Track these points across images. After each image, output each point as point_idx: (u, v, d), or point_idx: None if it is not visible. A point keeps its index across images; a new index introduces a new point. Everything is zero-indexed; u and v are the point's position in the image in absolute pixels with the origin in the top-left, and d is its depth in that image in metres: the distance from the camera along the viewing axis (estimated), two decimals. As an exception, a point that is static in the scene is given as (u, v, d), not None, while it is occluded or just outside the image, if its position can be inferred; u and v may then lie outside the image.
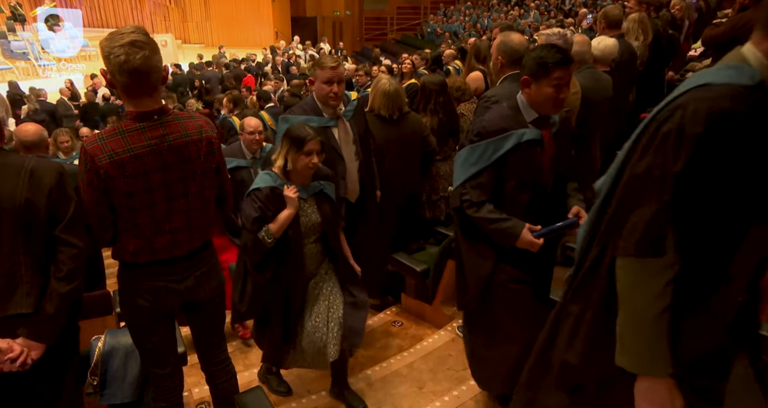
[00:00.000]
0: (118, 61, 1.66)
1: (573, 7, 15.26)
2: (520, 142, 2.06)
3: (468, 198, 2.11)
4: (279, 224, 2.33)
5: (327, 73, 2.77)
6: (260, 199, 2.33)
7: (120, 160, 1.73)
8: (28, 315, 1.72)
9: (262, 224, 2.32)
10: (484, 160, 2.08)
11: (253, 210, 2.32)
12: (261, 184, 2.36)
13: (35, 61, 14.96)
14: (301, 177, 2.41)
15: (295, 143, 2.32)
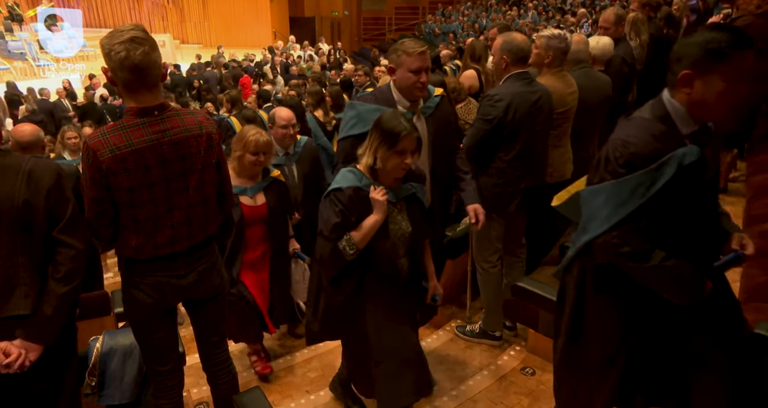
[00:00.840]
0: (119, 58, 1.69)
1: (572, 7, 15.29)
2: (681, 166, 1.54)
3: (628, 249, 1.57)
4: (364, 232, 1.99)
5: (415, 61, 2.33)
6: (342, 202, 1.99)
7: (121, 154, 1.74)
8: (26, 316, 1.72)
9: (343, 232, 1.99)
10: (639, 196, 1.55)
11: (334, 214, 1.99)
12: (343, 184, 2.02)
13: (33, 62, 14.93)
14: (391, 178, 2.06)
15: (387, 139, 1.96)
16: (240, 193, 2.75)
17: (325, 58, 15.71)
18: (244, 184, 2.79)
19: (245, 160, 2.72)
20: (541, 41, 2.98)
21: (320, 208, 2.07)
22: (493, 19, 16.40)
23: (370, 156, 2.02)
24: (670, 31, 5.47)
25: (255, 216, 2.81)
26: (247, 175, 2.81)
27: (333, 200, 2.01)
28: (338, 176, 2.07)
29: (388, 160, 1.99)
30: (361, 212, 2.01)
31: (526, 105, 2.69)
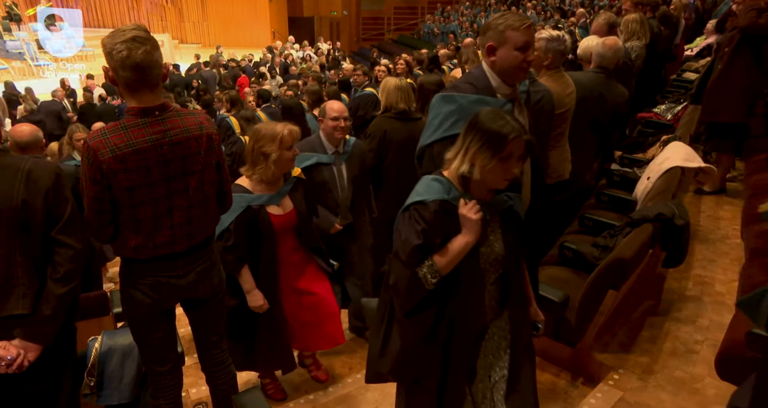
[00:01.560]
0: (120, 57, 1.68)
1: (570, 7, 15.29)
2: None
3: None
4: (450, 257, 1.62)
5: (522, 36, 1.94)
6: (425, 219, 1.62)
7: (122, 154, 1.74)
8: (25, 316, 1.72)
9: (424, 256, 1.63)
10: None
11: (414, 234, 1.62)
12: (427, 196, 1.65)
13: (31, 62, 14.91)
14: (486, 188, 1.69)
15: (490, 143, 1.58)
16: (267, 203, 2.44)
17: (324, 57, 15.71)
18: (267, 191, 2.45)
19: (284, 159, 2.38)
20: (540, 43, 2.98)
21: (397, 225, 1.71)
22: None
23: (465, 163, 1.63)
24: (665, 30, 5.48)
25: (286, 225, 2.50)
26: (272, 180, 2.45)
27: (414, 216, 1.64)
28: (420, 186, 1.71)
29: (490, 169, 1.60)
30: (448, 231, 1.64)
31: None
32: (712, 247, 3.70)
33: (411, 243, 1.62)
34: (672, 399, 2.43)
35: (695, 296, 3.18)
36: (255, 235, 2.43)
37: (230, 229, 2.36)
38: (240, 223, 2.37)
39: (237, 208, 2.33)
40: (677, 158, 3.33)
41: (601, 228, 3.19)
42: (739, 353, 2.01)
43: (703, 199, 4.44)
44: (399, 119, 3.44)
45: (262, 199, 2.43)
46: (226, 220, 2.33)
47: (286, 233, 2.52)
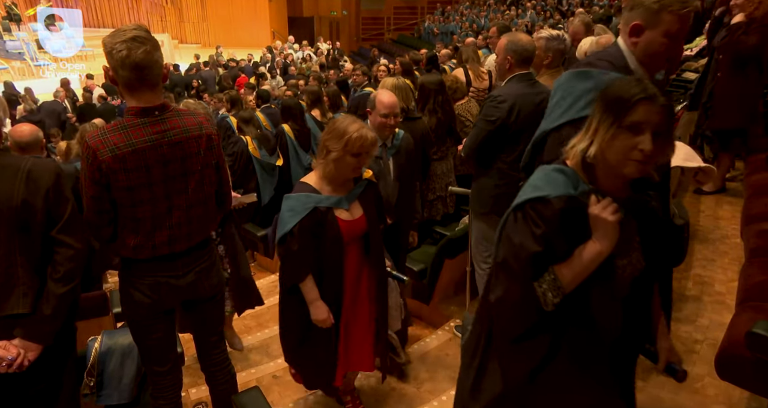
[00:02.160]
0: (120, 56, 1.69)
1: (570, 7, 15.29)
2: None
3: None
4: (578, 270, 1.29)
5: (678, 22, 1.67)
6: (546, 220, 1.29)
7: (122, 154, 1.74)
8: (25, 316, 1.72)
9: (544, 267, 1.31)
10: None
11: (532, 239, 1.30)
12: (549, 191, 1.31)
13: (31, 62, 14.90)
14: (618, 178, 1.33)
15: (613, 106, 1.26)
16: (335, 206, 2.18)
17: (324, 57, 15.71)
18: (336, 192, 2.20)
19: (344, 163, 2.11)
20: (540, 42, 2.98)
21: (507, 227, 1.37)
22: (491, 19, 16.40)
23: (585, 140, 1.32)
24: None
25: (354, 232, 2.25)
26: (341, 182, 2.21)
27: (532, 217, 1.30)
28: (538, 178, 1.36)
29: (609, 142, 1.25)
30: (574, 236, 1.29)
31: (530, 106, 2.68)
32: (712, 247, 3.70)
33: (527, 250, 1.29)
34: (672, 398, 2.43)
35: (695, 296, 3.18)
36: (320, 241, 2.17)
37: (294, 232, 2.10)
38: (305, 227, 2.11)
39: (302, 209, 2.10)
40: (677, 158, 3.31)
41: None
42: (739, 353, 2.01)
43: (703, 198, 4.44)
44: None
45: (331, 200, 2.17)
46: (290, 222, 2.10)
47: (353, 241, 2.27)
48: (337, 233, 2.17)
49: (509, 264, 1.35)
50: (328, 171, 2.14)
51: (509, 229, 1.37)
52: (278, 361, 3.23)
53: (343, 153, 2.09)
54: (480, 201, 2.85)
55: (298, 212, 2.10)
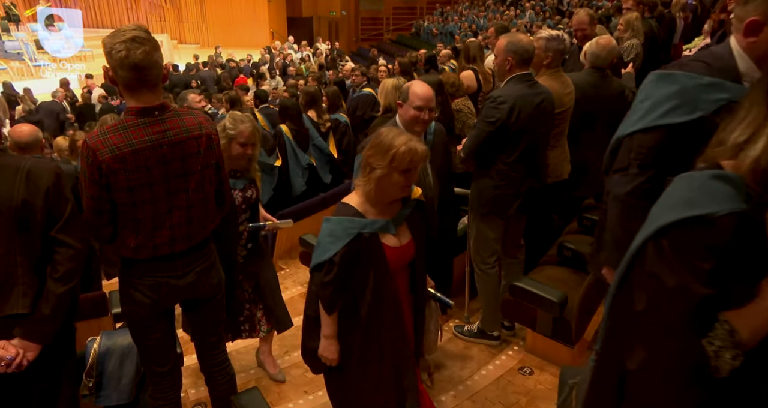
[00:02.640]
0: (119, 56, 1.69)
1: (569, 7, 15.31)
2: None
3: None
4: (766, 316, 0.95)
5: None
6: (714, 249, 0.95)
7: (122, 154, 1.74)
8: (24, 316, 1.72)
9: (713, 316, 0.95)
10: None
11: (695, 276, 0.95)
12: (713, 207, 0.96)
13: (30, 62, 14.89)
14: None
15: None
16: (381, 231, 1.91)
17: (323, 58, 15.73)
18: (382, 215, 1.93)
19: (391, 181, 1.84)
20: (540, 42, 2.98)
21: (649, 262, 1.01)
22: (490, 20, 16.42)
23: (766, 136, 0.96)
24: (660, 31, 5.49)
25: (402, 260, 2.00)
26: (387, 202, 1.93)
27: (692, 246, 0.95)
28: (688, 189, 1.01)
29: None
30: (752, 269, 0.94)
31: (530, 107, 2.68)
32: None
33: (693, 293, 0.92)
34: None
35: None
36: (362, 270, 1.90)
37: (334, 261, 1.85)
38: (347, 255, 1.86)
39: (344, 235, 1.85)
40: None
41: (600, 228, 3.19)
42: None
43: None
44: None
45: (377, 225, 1.90)
46: (330, 249, 1.86)
47: (400, 270, 2.02)
48: (382, 262, 1.91)
49: (662, 315, 0.97)
50: (373, 191, 1.87)
51: (653, 265, 0.98)
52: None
53: (389, 170, 1.82)
54: (480, 201, 2.86)
55: (339, 238, 1.85)
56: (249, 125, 2.50)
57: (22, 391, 1.80)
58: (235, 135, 2.48)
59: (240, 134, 2.48)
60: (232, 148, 2.49)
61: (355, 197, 1.93)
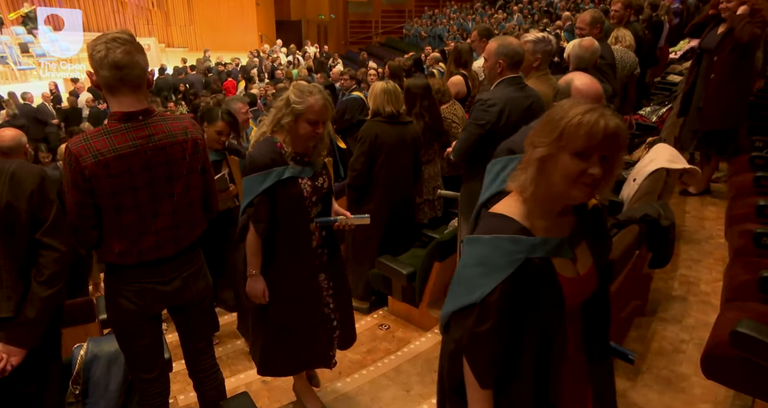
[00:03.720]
0: (99, 56, 1.69)
1: (557, 10, 15.44)
2: None
3: None
4: None
5: None
6: None
7: (105, 160, 1.73)
8: (8, 319, 1.69)
9: None
10: None
11: None
12: None
13: (14, 65, 14.72)
14: None
15: None
16: (555, 255, 1.25)
17: (311, 61, 15.72)
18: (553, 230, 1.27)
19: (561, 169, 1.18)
20: (528, 46, 3.00)
21: None
22: (478, 23, 16.51)
23: None
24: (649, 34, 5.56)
25: (581, 295, 1.33)
26: (559, 210, 1.26)
27: None
28: None
29: None
30: None
31: (519, 110, 2.70)
32: (697, 248, 3.75)
33: None
34: (659, 398, 2.45)
35: (681, 296, 3.22)
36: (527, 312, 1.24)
37: (488, 301, 1.21)
38: (509, 291, 1.21)
39: (505, 262, 1.21)
40: (662, 160, 3.36)
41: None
42: (724, 352, 2.03)
43: (688, 199, 4.50)
44: (389, 123, 3.44)
45: (550, 245, 1.24)
46: (483, 284, 1.23)
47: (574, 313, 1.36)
48: (558, 299, 1.25)
49: None
50: (538, 192, 1.22)
51: None
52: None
53: (555, 150, 1.17)
54: (470, 204, 2.86)
55: (498, 268, 1.21)
56: (319, 98, 2.11)
57: (6, 397, 1.77)
58: (303, 110, 2.10)
59: (309, 109, 2.10)
60: (299, 127, 2.13)
61: (512, 203, 1.28)
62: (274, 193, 2.18)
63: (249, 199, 2.18)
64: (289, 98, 2.12)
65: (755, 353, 1.91)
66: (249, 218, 2.20)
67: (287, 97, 2.13)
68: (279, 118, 2.17)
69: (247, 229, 2.22)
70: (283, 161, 2.18)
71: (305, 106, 2.09)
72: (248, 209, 2.20)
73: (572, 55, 3.32)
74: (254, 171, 2.17)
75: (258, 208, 2.18)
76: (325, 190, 2.33)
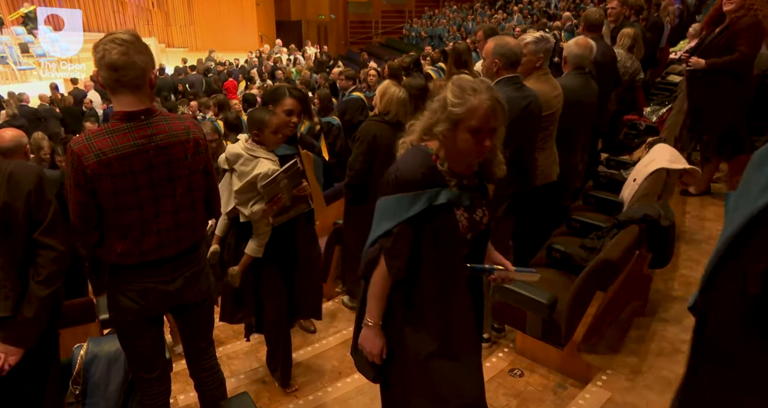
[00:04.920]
0: (98, 57, 1.71)
1: (557, 10, 15.44)
2: None
3: None
4: None
5: None
6: None
7: (107, 159, 1.73)
8: (6, 319, 1.70)
9: None
10: None
11: None
12: None
13: (14, 66, 14.73)
14: None
15: None
16: None
17: (312, 61, 15.72)
18: None
19: None
20: (530, 47, 3.00)
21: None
22: (478, 23, 16.51)
23: None
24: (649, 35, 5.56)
25: None
26: None
27: None
28: None
29: None
30: None
31: (517, 110, 2.70)
32: (698, 248, 3.75)
33: None
34: (659, 399, 2.45)
35: (681, 296, 3.22)
36: None
37: None
38: None
39: None
40: (662, 160, 3.37)
41: (588, 229, 3.22)
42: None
43: (688, 200, 4.50)
44: (389, 124, 3.44)
45: None
46: None
47: None
48: None
49: None
50: None
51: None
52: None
53: None
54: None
55: None
56: (486, 98, 1.54)
57: (4, 397, 1.77)
58: (463, 115, 1.55)
59: (471, 113, 1.55)
60: (458, 138, 1.58)
61: None
62: (420, 223, 1.63)
63: (387, 227, 1.63)
64: (446, 99, 1.59)
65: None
66: (382, 251, 1.67)
67: (444, 97, 1.61)
68: (431, 125, 1.63)
69: (376, 264, 1.69)
70: (437, 181, 1.62)
71: (466, 108, 1.55)
72: (383, 239, 1.65)
73: (571, 56, 3.33)
74: (399, 189, 1.61)
75: (397, 239, 1.63)
76: (482, 227, 1.75)
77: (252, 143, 2.62)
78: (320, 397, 2.86)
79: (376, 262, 1.70)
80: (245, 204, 2.59)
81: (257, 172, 2.52)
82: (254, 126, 2.59)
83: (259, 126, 2.57)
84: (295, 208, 2.74)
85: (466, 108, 1.55)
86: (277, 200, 2.56)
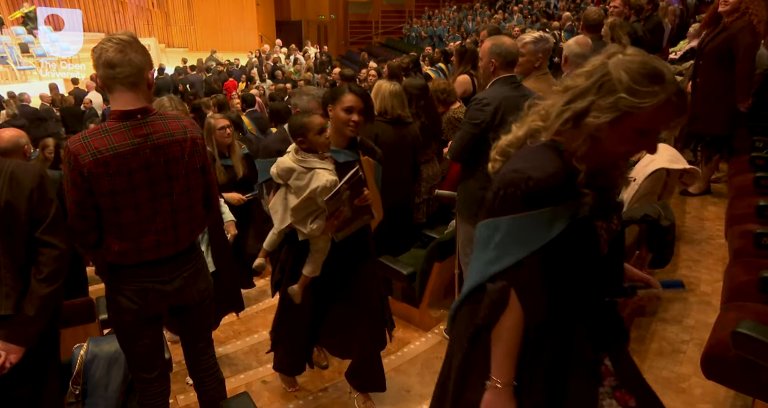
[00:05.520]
0: (96, 56, 1.74)
1: (557, 10, 15.44)
2: None
3: None
4: None
5: None
6: None
7: (103, 158, 1.73)
8: (8, 317, 1.70)
9: None
10: None
11: None
12: None
13: (14, 66, 14.73)
14: None
15: None
16: None
17: (311, 61, 15.72)
18: None
19: None
20: (529, 47, 3.00)
21: None
22: (478, 23, 16.51)
23: None
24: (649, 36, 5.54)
25: None
26: None
27: None
28: None
29: None
30: None
31: (514, 109, 2.69)
32: (698, 248, 3.75)
33: None
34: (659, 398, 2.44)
35: (681, 296, 3.21)
36: None
37: None
38: None
39: None
40: (662, 160, 3.36)
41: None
42: (724, 352, 2.03)
43: (688, 200, 4.50)
44: (390, 123, 3.43)
45: None
46: None
47: None
48: None
49: None
50: None
51: None
52: (268, 366, 3.21)
53: None
54: (466, 203, 2.87)
55: None
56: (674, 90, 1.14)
57: (4, 396, 1.77)
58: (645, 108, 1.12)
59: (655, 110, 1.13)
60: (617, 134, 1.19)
61: None
62: (555, 245, 1.24)
63: (520, 255, 1.24)
64: (618, 79, 1.14)
65: (755, 354, 1.91)
66: (512, 286, 1.26)
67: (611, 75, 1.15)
68: (578, 113, 1.20)
69: (504, 306, 1.27)
70: (575, 189, 1.23)
71: (653, 102, 1.12)
72: (514, 272, 1.25)
73: (572, 55, 3.32)
74: (534, 204, 1.22)
75: (533, 271, 1.24)
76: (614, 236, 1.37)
77: (301, 153, 2.34)
78: (320, 396, 2.86)
79: (505, 304, 1.26)
80: (304, 222, 2.33)
81: (315, 185, 2.26)
82: (297, 134, 2.34)
83: (301, 132, 2.32)
84: (358, 220, 2.43)
85: (654, 102, 1.11)
86: (339, 214, 2.28)
